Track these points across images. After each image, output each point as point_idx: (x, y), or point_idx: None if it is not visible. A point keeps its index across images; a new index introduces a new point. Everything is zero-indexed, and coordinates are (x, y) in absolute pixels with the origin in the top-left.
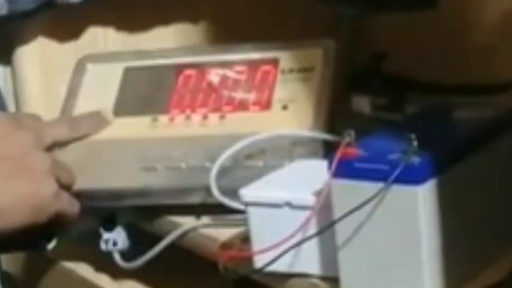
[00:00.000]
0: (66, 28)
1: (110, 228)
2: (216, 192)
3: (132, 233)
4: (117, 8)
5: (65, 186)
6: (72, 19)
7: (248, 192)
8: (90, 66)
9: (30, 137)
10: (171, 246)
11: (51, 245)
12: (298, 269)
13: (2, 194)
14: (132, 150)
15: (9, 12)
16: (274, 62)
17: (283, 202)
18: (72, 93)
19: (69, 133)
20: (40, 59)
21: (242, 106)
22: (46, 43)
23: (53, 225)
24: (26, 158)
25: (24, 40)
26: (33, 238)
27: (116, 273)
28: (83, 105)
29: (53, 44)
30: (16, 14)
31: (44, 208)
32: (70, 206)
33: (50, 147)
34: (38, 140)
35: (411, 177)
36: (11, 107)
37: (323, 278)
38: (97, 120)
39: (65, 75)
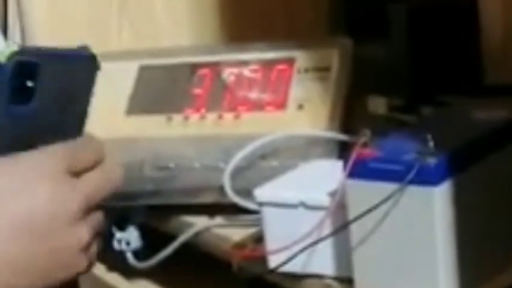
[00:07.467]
0: None
1: (122, 227)
2: (229, 192)
3: (145, 232)
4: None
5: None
6: None
7: (262, 192)
8: (103, 64)
9: (77, 203)
10: (184, 246)
11: None
12: (311, 269)
13: (17, 275)
14: (146, 149)
15: None
16: (290, 61)
17: (298, 202)
18: None
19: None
20: None
21: (257, 106)
22: None
23: None
24: (61, 232)
25: None
26: None
27: (129, 272)
28: (95, 103)
29: None
30: None
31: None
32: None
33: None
34: (86, 203)
35: (427, 178)
36: None
37: (337, 279)
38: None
39: None
